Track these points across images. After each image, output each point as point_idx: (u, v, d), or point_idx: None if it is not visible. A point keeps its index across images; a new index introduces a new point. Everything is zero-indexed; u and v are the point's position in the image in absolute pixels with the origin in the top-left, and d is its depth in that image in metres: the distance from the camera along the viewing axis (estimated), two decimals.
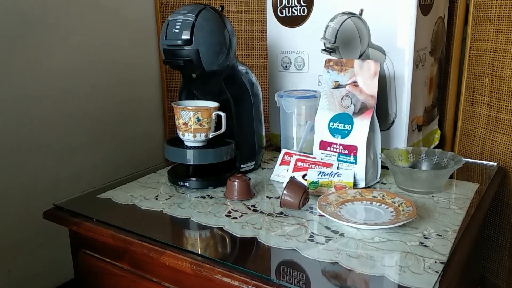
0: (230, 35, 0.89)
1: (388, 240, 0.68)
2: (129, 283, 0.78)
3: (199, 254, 0.66)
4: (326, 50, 1.07)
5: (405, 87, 1.00)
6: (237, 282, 0.61)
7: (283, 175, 0.94)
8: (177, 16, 0.85)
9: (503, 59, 1.02)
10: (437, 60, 1.16)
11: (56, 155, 1.25)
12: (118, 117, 1.43)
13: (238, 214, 0.79)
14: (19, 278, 1.20)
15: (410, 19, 0.96)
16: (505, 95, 1.03)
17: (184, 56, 0.85)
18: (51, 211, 0.83)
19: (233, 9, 1.44)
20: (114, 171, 1.41)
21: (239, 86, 0.96)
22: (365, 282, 0.59)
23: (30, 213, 1.19)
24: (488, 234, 1.10)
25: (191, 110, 0.87)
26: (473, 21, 1.11)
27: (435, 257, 0.63)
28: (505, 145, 1.04)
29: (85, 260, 0.84)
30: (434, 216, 0.76)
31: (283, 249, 0.66)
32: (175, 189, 0.91)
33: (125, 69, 1.43)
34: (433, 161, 0.93)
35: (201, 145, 0.91)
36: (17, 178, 1.16)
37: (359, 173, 0.88)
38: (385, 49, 1.00)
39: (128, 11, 1.42)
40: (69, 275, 1.29)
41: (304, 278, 0.60)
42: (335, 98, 0.91)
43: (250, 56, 1.46)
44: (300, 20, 1.11)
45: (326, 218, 0.75)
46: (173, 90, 1.58)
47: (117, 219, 0.78)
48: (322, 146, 0.92)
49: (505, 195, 1.05)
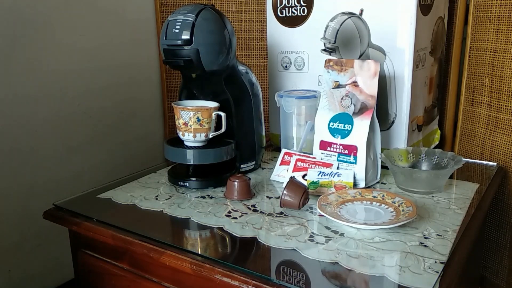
0: (230, 35, 0.89)
1: (388, 240, 0.68)
2: (129, 283, 0.78)
3: (199, 254, 0.66)
4: (326, 50, 1.07)
5: (405, 87, 1.00)
6: (237, 282, 0.61)
7: (283, 175, 0.94)
8: (177, 16, 0.86)
9: (503, 59, 1.02)
10: (437, 60, 1.16)
11: (56, 155, 1.25)
12: (118, 117, 1.43)
13: (238, 214, 0.79)
14: (19, 278, 1.20)
15: (410, 19, 0.96)
16: (505, 95, 1.03)
17: (184, 56, 0.85)
18: (51, 211, 0.83)
19: (233, 9, 1.44)
20: (114, 171, 1.41)
21: (239, 86, 0.96)
22: (365, 282, 0.59)
23: (30, 213, 1.19)
24: (488, 234, 1.10)
25: (191, 110, 0.87)
26: (473, 21, 1.11)
27: (435, 257, 0.63)
28: (505, 145, 1.04)
29: (85, 260, 0.84)
30: (434, 216, 0.76)
31: (283, 249, 0.66)
32: (175, 189, 0.91)
33: (125, 69, 1.43)
34: (433, 161, 0.93)
35: (201, 145, 0.91)
36: (17, 178, 1.16)
37: (359, 173, 0.88)
38: (385, 49, 1.00)
39: (128, 11, 1.42)
40: (69, 275, 1.29)
41: (304, 278, 0.60)
42: (335, 98, 0.91)
43: (250, 56, 1.46)
44: (300, 20, 1.11)
45: (326, 218, 0.75)
46: (173, 90, 1.58)
47: (117, 219, 0.78)
48: (322, 146, 0.92)
49: (505, 195, 1.05)
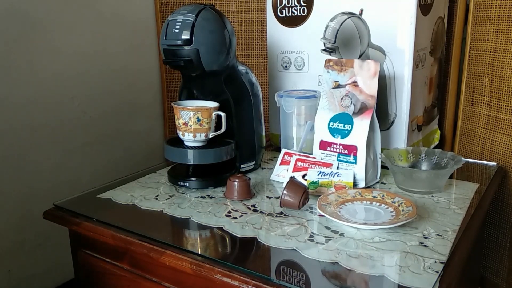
0: (230, 35, 0.89)
1: (388, 240, 0.68)
2: (129, 283, 0.78)
3: (199, 254, 0.66)
4: (326, 50, 1.07)
5: (405, 87, 1.00)
6: (237, 282, 0.61)
7: (283, 175, 0.94)
8: (177, 16, 0.86)
9: (503, 59, 1.02)
10: (437, 60, 1.16)
11: (56, 155, 1.25)
12: (118, 117, 1.43)
13: (238, 214, 0.79)
14: (19, 278, 1.20)
15: (410, 19, 0.96)
16: (505, 95, 1.03)
17: (184, 56, 0.85)
18: (51, 211, 0.83)
19: (233, 9, 1.44)
20: (114, 171, 1.41)
21: (239, 86, 0.96)
22: (365, 282, 0.59)
23: (30, 213, 1.19)
24: (488, 234, 1.10)
25: (191, 110, 0.87)
26: (473, 21, 1.11)
27: (435, 257, 0.63)
28: (505, 145, 1.04)
29: (85, 260, 0.84)
30: (434, 216, 0.76)
31: (283, 249, 0.66)
32: (175, 189, 0.91)
33: (125, 69, 1.43)
34: (433, 161, 0.93)
35: (201, 145, 0.91)
36: (17, 179, 1.16)
37: (359, 173, 0.88)
38: (385, 49, 1.00)
39: (128, 12, 1.42)
40: (69, 275, 1.29)
41: (304, 278, 0.60)
42: (335, 98, 0.91)
43: (250, 56, 1.46)
44: (300, 20, 1.11)
45: (326, 218, 0.75)
46: (173, 90, 1.58)
47: (117, 219, 0.78)
48: (322, 146, 0.92)
49: (505, 195, 1.05)
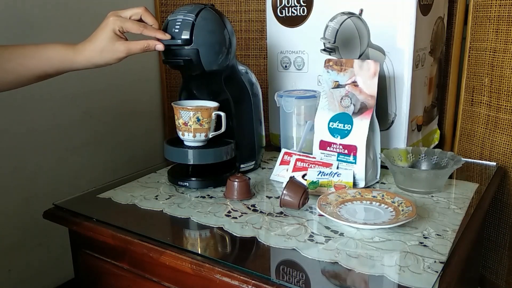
0: (230, 35, 0.89)
1: (388, 239, 0.68)
2: (129, 283, 0.78)
3: (199, 254, 0.66)
4: (326, 50, 1.07)
5: (404, 87, 1.00)
6: (237, 282, 0.61)
7: (282, 175, 0.94)
8: (177, 16, 0.86)
9: (502, 59, 1.02)
10: (437, 60, 1.16)
11: (56, 155, 1.25)
12: (118, 117, 1.43)
13: (238, 214, 0.79)
14: (19, 278, 1.20)
15: (410, 19, 0.96)
16: (504, 95, 1.03)
17: (183, 56, 0.85)
18: (51, 211, 0.83)
19: (233, 9, 1.44)
20: (114, 171, 1.41)
21: (239, 86, 0.96)
22: (365, 282, 0.59)
23: (30, 213, 1.19)
24: (487, 234, 1.10)
25: (191, 110, 0.87)
26: (473, 21, 1.11)
27: (435, 256, 0.63)
28: (505, 145, 1.04)
29: (85, 260, 0.84)
30: (433, 216, 0.76)
31: (283, 249, 0.66)
32: (175, 189, 0.91)
33: (125, 69, 1.43)
34: (433, 161, 0.93)
35: (201, 145, 0.91)
36: (17, 178, 1.16)
37: (358, 173, 0.88)
38: (384, 49, 1.00)
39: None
40: (69, 275, 1.29)
41: (304, 278, 0.60)
42: (335, 98, 0.91)
43: (250, 56, 1.46)
44: (300, 20, 1.11)
45: (326, 218, 0.75)
46: (173, 90, 1.58)
47: (117, 219, 0.78)
48: (322, 146, 0.92)
49: (505, 195, 1.06)
